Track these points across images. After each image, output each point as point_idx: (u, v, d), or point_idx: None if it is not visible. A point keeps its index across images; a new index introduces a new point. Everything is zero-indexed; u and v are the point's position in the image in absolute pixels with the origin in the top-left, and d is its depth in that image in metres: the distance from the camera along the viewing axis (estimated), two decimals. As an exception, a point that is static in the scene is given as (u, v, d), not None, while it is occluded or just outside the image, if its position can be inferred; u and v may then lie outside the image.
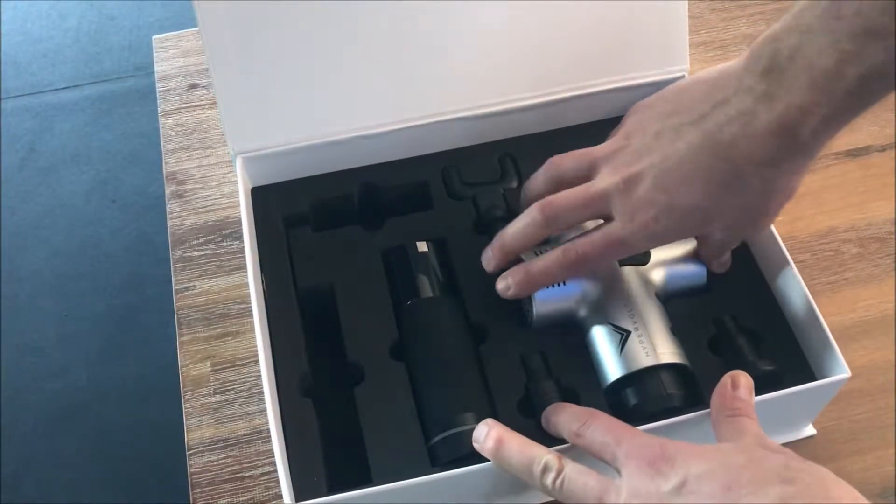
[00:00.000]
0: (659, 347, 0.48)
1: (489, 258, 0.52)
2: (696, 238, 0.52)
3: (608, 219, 0.48)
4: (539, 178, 0.52)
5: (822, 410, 0.54)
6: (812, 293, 0.50)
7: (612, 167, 0.48)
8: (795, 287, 0.51)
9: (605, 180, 0.47)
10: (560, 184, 0.50)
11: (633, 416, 0.46)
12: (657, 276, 0.52)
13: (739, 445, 0.41)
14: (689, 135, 0.45)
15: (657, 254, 0.53)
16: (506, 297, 0.51)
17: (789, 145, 0.42)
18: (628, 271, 0.52)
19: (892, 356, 0.59)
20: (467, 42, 0.57)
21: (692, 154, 0.45)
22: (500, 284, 0.51)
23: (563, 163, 0.51)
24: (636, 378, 0.48)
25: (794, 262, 0.52)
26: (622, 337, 0.49)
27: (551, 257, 0.49)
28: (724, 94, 0.44)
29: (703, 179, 0.45)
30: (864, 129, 0.71)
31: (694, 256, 0.53)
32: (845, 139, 0.70)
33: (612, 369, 0.49)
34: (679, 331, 0.50)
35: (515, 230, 0.51)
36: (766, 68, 0.42)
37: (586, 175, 0.49)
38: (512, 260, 0.52)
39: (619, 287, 0.51)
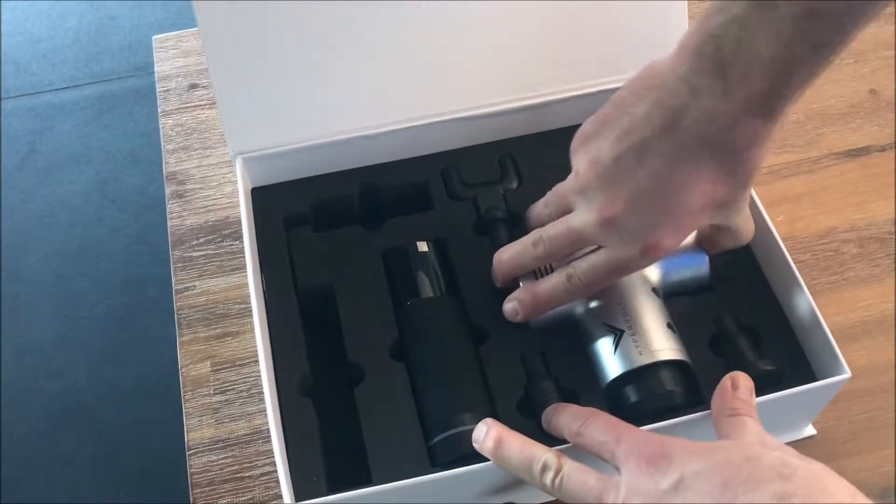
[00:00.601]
0: (653, 345, 0.48)
1: (495, 277, 0.53)
2: (703, 239, 0.52)
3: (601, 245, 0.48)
4: (534, 210, 0.54)
5: (822, 410, 0.54)
6: (812, 293, 0.50)
7: (586, 205, 0.47)
8: (796, 287, 0.51)
9: (581, 219, 0.47)
10: (551, 219, 0.50)
11: (632, 415, 0.46)
12: (655, 270, 0.52)
13: (738, 443, 0.41)
14: (662, 148, 0.43)
15: None
16: (514, 321, 0.51)
17: (763, 125, 0.42)
18: None
19: (892, 356, 0.59)
20: (467, 42, 0.57)
21: (673, 166, 0.43)
22: (508, 308, 0.51)
23: (549, 201, 0.52)
24: (632, 377, 0.48)
25: (795, 262, 0.52)
26: (616, 337, 0.49)
27: (556, 283, 0.49)
28: (680, 100, 0.42)
29: (695, 184, 0.44)
30: (864, 129, 0.71)
31: (693, 246, 0.52)
32: (845, 139, 0.70)
33: (608, 369, 0.49)
34: (680, 330, 0.50)
35: (511, 256, 0.51)
36: (714, 66, 0.40)
37: (566, 212, 0.49)
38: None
39: (613, 286, 0.51)
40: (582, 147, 0.47)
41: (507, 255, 0.52)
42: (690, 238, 0.52)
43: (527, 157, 0.60)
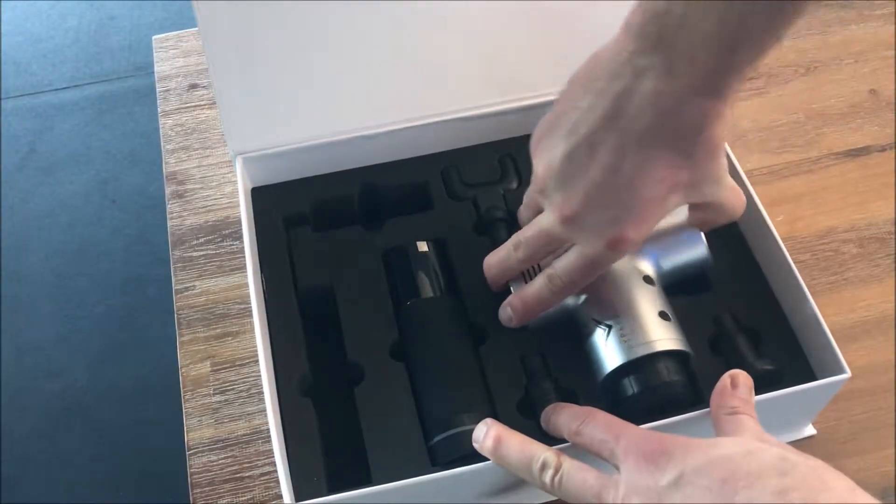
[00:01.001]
0: (642, 337, 0.47)
1: (489, 282, 0.53)
2: (693, 219, 0.51)
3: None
4: (519, 212, 0.54)
5: (822, 410, 0.54)
6: (812, 293, 0.50)
7: (548, 205, 0.46)
8: (796, 287, 0.51)
9: (547, 219, 0.47)
10: (530, 220, 0.50)
11: (631, 409, 0.46)
12: (648, 258, 0.51)
13: (737, 440, 0.41)
14: (609, 140, 0.42)
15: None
16: (510, 327, 0.52)
17: (713, 104, 0.41)
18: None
19: (892, 356, 0.59)
20: (467, 42, 0.57)
21: (622, 157, 0.42)
22: (503, 315, 0.52)
23: (526, 203, 0.52)
24: (624, 371, 0.48)
25: (794, 262, 0.52)
26: (606, 332, 0.49)
27: (540, 286, 0.49)
28: (622, 86, 0.41)
29: (649, 172, 0.43)
30: (864, 129, 0.71)
31: (686, 226, 0.51)
32: (845, 139, 0.71)
33: (600, 366, 0.49)
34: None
35: (496, 261, 0.52)
36: (658, 44, 0.39)
37: (539, 213, 0.48)
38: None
39: (603, 278, 0.50)
40: (537, 147, 0.47)
41: (493, 261, 0.52)
42: (682, 218, 0.51)
43: (527, 157, 0.60)
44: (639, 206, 0.44)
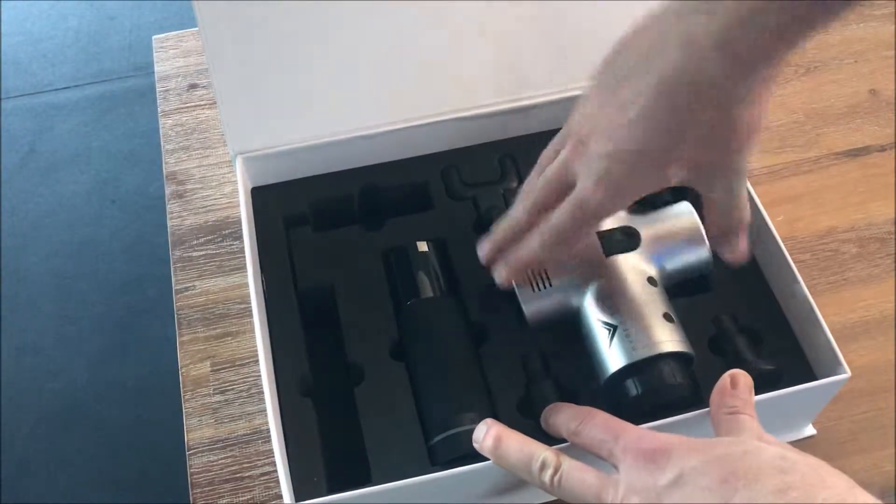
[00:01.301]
0: (647, 339, 0.47)
1: (483, 248, 0.51)
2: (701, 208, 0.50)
3: None
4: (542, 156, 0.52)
5: (822, 410, 0.54)
6: (812, 293, 0.50)
7: (570, 136, 0.46)
8: (795, 287, 0.51)
9: (565, 150, 0.46)
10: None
11: (632, 411, 0.46)
12: (652, 259, 0.51)
13: (736, 439, 0.41)
14: (634, 79, 0.42)
15: (650, 235, 0.51)
16: (503, 286, 0.50)
17: (737, 71, 0.40)
18: (618, 260, 0.51)
19: (892, 356, 0.59)
20: (467, 42, 0.57)
21: (634, 97, 0.42)
22: (495, 274, 0.50)
23: (553, 144, 0.50)
24: (628, 372, 0.48)
25: (794, 262, 0.52)
26: (610, 332, 0.49)
27: (531, 236, 0.48)
28: (662, 25, 0.41)
29: (646, 120, 0.42)
30: (864, 129, 0.71)
31: (694, 234, 0.51)
32: (845, 139, 0.71)
33: (603, 366, 0.49)
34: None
35: (505, 223, 0.50)
36: None
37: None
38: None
39: (607, 278, 0.50)
40: (591, 85, 0.46)
41: (500, 225, 0.50)
42: (688, 220, 0.51)
43: (527, 157, 0.60)
44: (634, 155, 0.43)
